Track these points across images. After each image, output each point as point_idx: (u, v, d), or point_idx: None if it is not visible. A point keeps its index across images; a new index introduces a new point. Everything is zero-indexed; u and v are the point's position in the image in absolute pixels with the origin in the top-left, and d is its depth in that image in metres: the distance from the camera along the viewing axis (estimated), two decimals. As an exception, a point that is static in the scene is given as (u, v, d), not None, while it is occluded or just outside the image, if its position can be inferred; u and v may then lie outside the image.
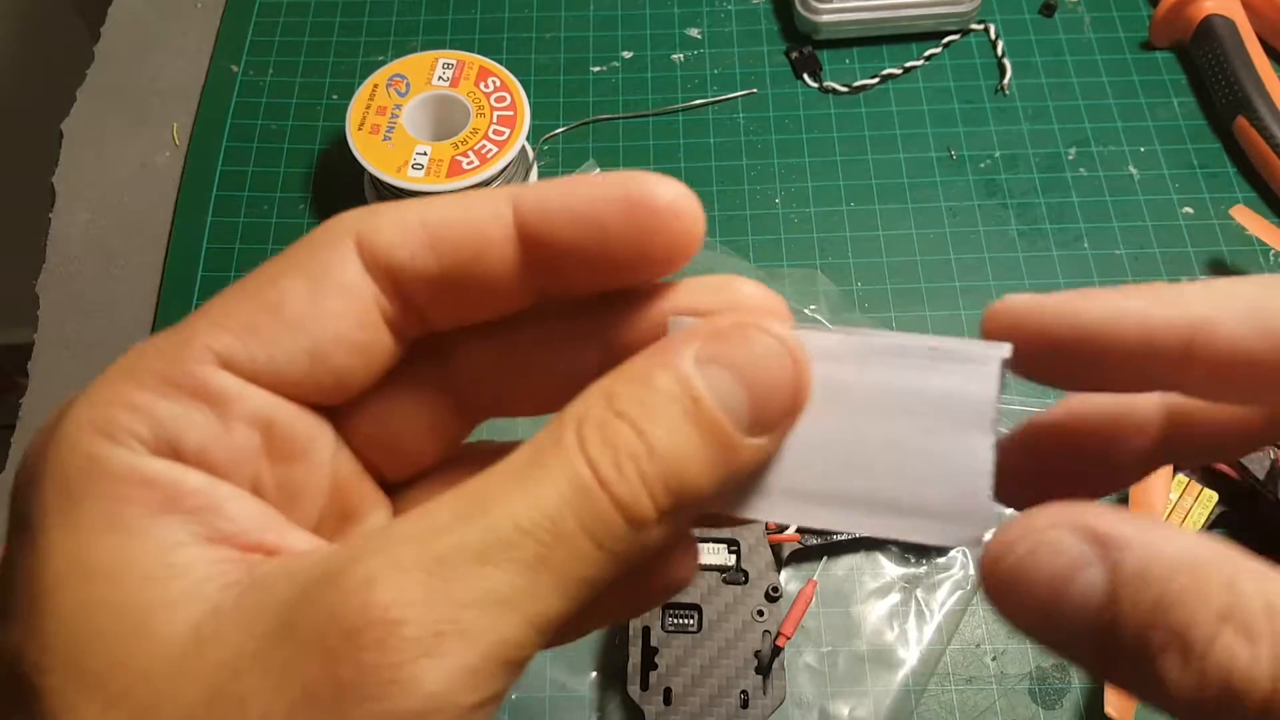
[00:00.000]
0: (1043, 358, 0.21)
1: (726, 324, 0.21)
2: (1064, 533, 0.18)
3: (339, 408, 0.23)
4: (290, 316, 0.21)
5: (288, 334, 0.21)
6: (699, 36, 0.71)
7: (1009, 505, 0.22)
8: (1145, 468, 0.24)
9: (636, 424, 0.19)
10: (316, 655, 0.17)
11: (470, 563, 0.18)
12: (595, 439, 0.19)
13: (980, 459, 0.20)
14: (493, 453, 0.22)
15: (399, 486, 0.25)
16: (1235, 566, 0.17)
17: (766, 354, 0.20)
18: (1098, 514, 0.19)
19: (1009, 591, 0.19)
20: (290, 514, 0.22)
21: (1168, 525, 0.19)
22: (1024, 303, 0.21)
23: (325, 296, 0.21)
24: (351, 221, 0.22)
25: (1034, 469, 0.23)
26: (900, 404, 0.21)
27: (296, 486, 0.22)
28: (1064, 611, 0.18)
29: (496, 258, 0.21)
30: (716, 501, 0.20)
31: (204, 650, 0.18)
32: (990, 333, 0.22)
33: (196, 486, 0.20)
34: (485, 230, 0.21)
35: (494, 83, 0.63)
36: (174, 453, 0.20)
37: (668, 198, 0.21)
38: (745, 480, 0.21)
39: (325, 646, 0.17)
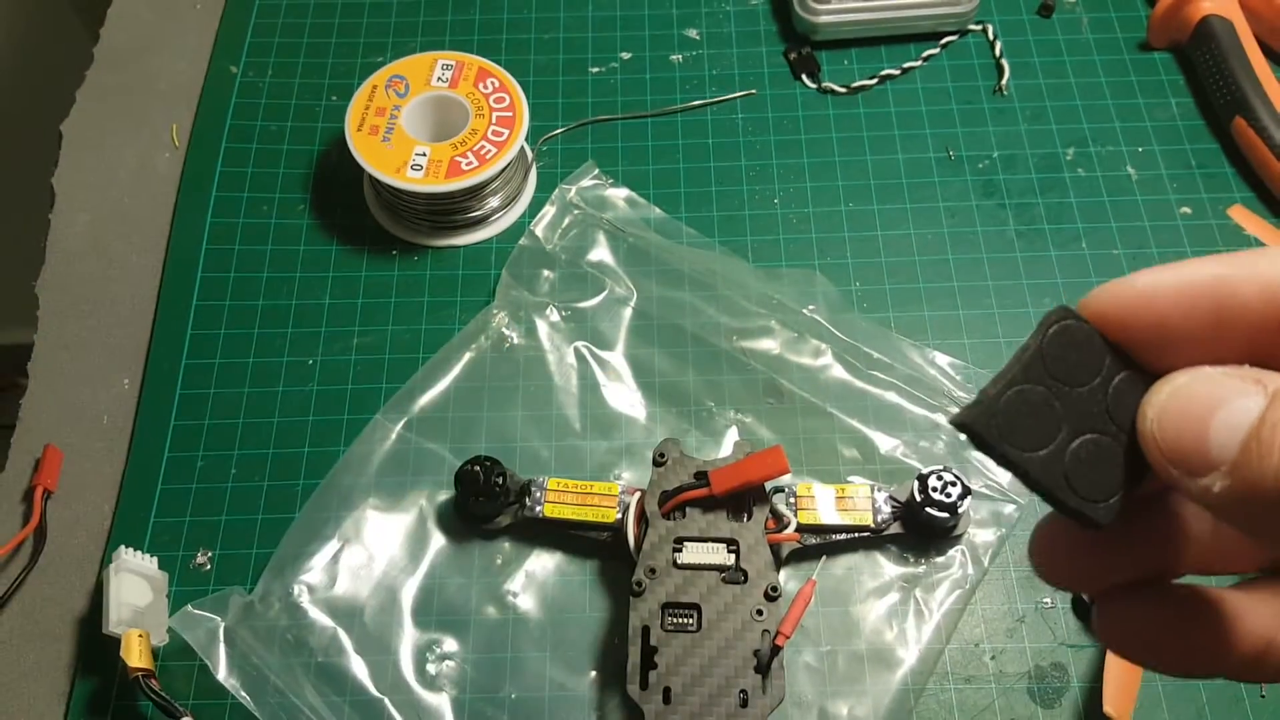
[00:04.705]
0: (1152, 338, 0.23)
1: None
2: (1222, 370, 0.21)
3: None
4: None
5: None
6: (697, 37, 0.71)
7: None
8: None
9: None
10: None
11: None
12: None
13: None
14: None
15: None
16: None
17: None
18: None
19: (1169, 412, 0.21)
20: None
21: None
22: (1114, 290, 0.23)
23: None
24: None
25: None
26: None
27: None
28: (1223, 426, 0.20)
29: None
30: None
31: None
32: (1094, 317, 0.23)
33: None
34: None
35: (493, 83, 0.63)
36: None
37: None
38: None
39: None
